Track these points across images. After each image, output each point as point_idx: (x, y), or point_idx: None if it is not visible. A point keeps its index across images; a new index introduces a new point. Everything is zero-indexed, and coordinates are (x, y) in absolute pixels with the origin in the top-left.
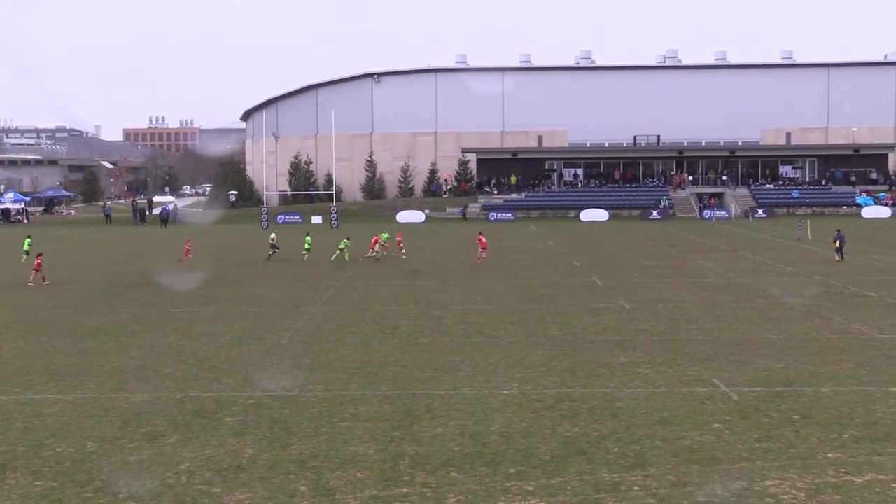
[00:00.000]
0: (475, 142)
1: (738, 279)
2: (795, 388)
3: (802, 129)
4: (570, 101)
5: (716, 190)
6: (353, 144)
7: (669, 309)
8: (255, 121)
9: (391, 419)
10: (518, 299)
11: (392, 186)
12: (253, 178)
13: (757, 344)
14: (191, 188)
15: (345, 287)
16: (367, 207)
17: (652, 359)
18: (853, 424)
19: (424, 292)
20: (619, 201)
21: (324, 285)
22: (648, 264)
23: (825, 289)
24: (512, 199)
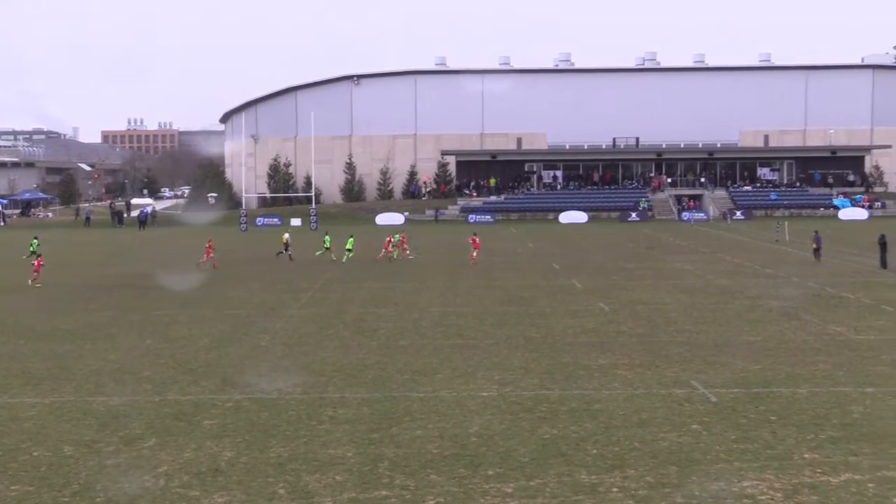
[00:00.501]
0: (454, 144)
1: (716, 281)
2: (773, 390)
3: (780, 131)
4: (549, 104)
5: (694, 192)
6: (332, 146)
7: (648, 311)
8: (234, 123)
9: (370, 421)
10: (497, 301)
11: (371, 189)
12: (232, 180)
13: (735, 345)
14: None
15: (323, 289)
16: (347, 209)
17: (630, 360)
18: (830, 425)
19: (403, 294)
20: (598, 203)
21: (302, 288)
22: (627, 266)
23: (803, 290)
24: (491, 202)
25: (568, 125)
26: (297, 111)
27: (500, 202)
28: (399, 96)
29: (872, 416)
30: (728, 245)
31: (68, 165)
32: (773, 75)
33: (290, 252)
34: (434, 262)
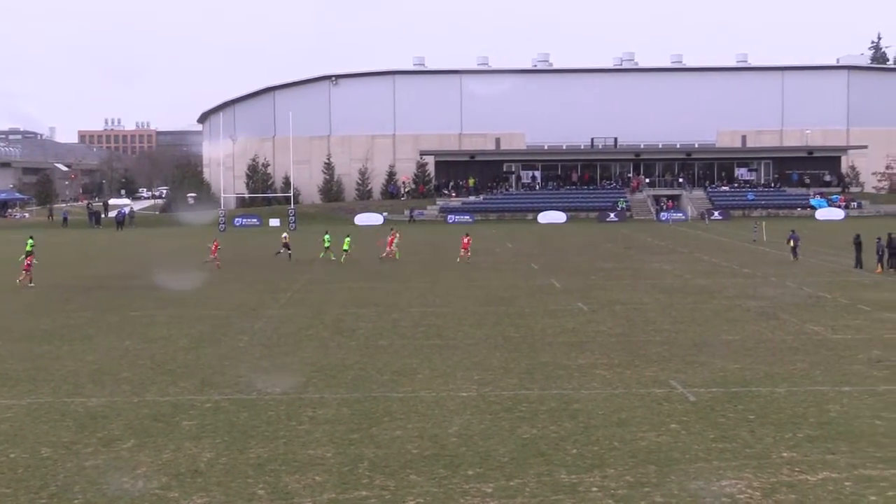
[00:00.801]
0: (433, 144)
1: (694, 281)
2: (751, 389)
3: (757, 131)
4: (527, 104)
5: (672, 192)
6: (310, 147)
7: (627, 311)
8: (212, 123)
9: (350, 422)
10: (476, 302)
11: (350, 189)
12: (210, 180)
13: (713, 345)
14: (147, 191)
15: (303, 290)
16: (325, 210)
17: (609, 360)
18: (807, 424)
19: (383, 295)
20: (577, 203)
21: (282, 288)
22: (606, 266)
23: (780, 290)
24: (470, 202)
25: (546, 125)
26: (275, 111)
27: (479, 202)
28: (378, 96)
29: (849, 414)
30: (706, 245)
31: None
32: (750, 76)
33: (291, 252)
34: (414, 262)
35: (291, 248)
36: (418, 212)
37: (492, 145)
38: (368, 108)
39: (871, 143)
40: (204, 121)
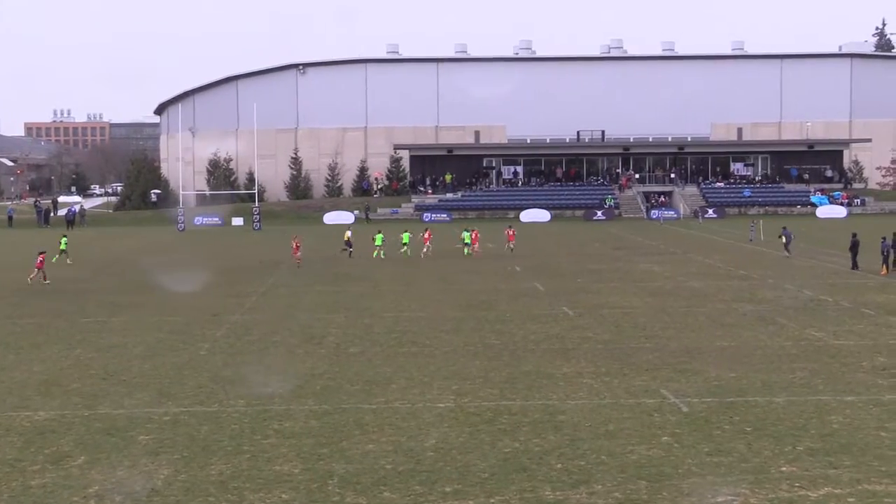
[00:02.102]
0: (408, 137)
1: (687, 283)
2: (748, 399)
3: (754, 124)
4: (509, 95)
5: (664, 189)
6: (276, 140)
7: (615, 315)
8: (171, 115)
9: (318, 435)
10: (454, 306)
11: (319, 185)
12: (168, 176)
13: (707, 352)
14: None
15: (268, 294)
16: (292, 208)
17: (597, 368)
18: (808, 436)
19: (354, 299)
20: (562, 201)
21: (246, 292)
22: (593, 268)
23: (779, 293)
24: (447, 199)
25: (529, 117)
26: (238, 102)
27: (457, 200)
28: (348, 86)
29: (852, 426)
30: (700, 245)
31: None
32: (747, 65)
33: (352, 249)
34: (387, 264)
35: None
36: (395, 210)
37: (471, 139)
38: (338, 99)
39: (876, 135)
40: (161, 112)
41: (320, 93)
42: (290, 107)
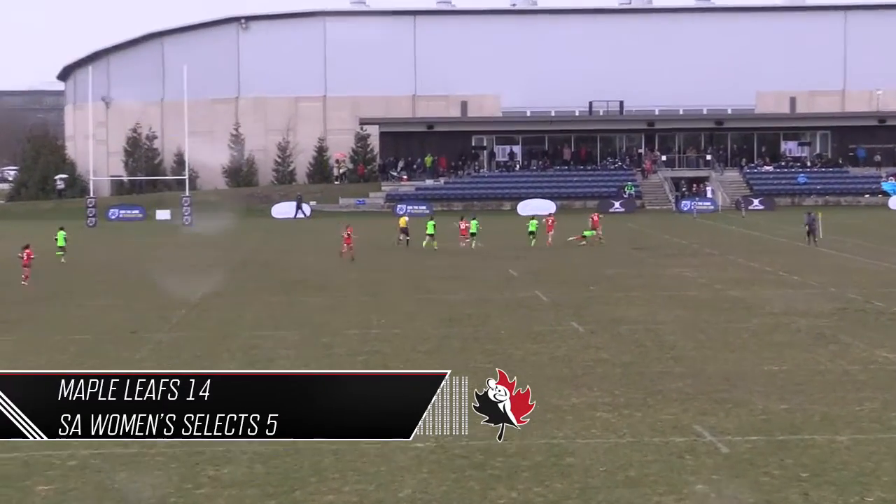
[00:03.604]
0: (378, 110)
1: (727, 292)
2: (803, 437)
3: (811, 92)
4: (503, 57)
5: (697, 173)
6: (212, 113)
7: (637, 332)
8: (79, 80)
9: (265, 484)
10: (434, 321)
11: (266, 169)
12: (76, 158)
13: (752, 378)
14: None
15: (202, 305)
16: (233, 197)
17: (614, 399)
18: (879, 484)
19: (309, 312)
20: (570, 189)
21: (173, 303)
22: (609, 273)
23: (842, 304)
24: (427, 187)
25: (529, 85)
26: (163, 65)
27: (439, 187)
28: (303, 45)
29: None
30: (742, 244)
31: None
32: (801, 18)
33: (409, 238)
34: (351, 268)
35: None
36: (359, 200)
37: (456, 112)
38: (291, 62)
39: None
40: (67, 77)
41: (267, 53)
42: (230, 71)
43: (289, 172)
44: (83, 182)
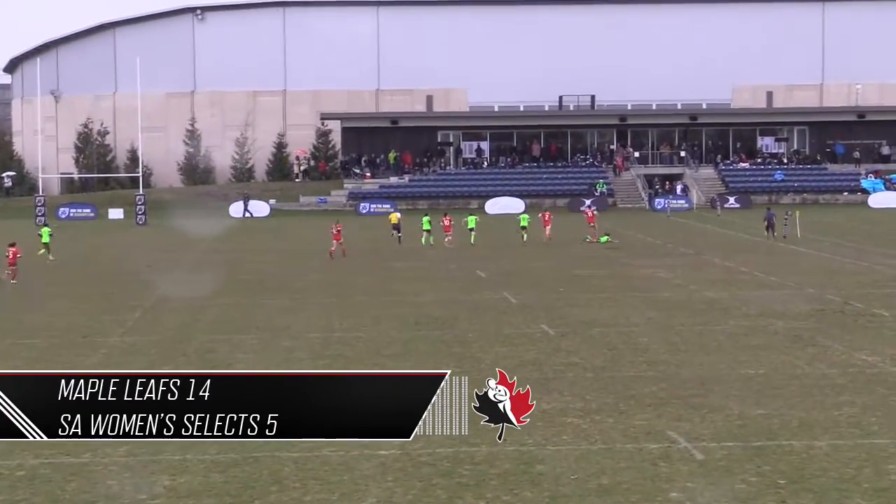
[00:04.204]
0: (340, 104)
1: (702, 293)
2: (781, 443)
3: (788, 86)
4: (471, 49)
5: (671, 170)
6: (167, 108)
7: (609, 335)
8: (26, 73)
9: (222, 494)
10: (400, 323)
11: (223, 166)
12: (24, 154)
13: (728, 381)
14: None
15: (157, 308)
16: (188, 196)
17: (585, 404)
18: (859, 491)
19: (269, 314)
20: (540, 187)
21: (127, 305)
22: (580, 274)
23: (820, 305)
24: (391, 185)
25: (497, 79)
26: (115, 57)
27: (404, 185)
28: (262, 37)
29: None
30: (718, 243)
31: None
32: (780, 10)
33: (401, 234)
34: (309, 269)
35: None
36: (320, 199)
37: (421, 107)
38: (249, 54)
39: None
40: (14, 70)
41: (225, 45)
42: (186, 64)
43: (247, 170)
44: (32, 180)
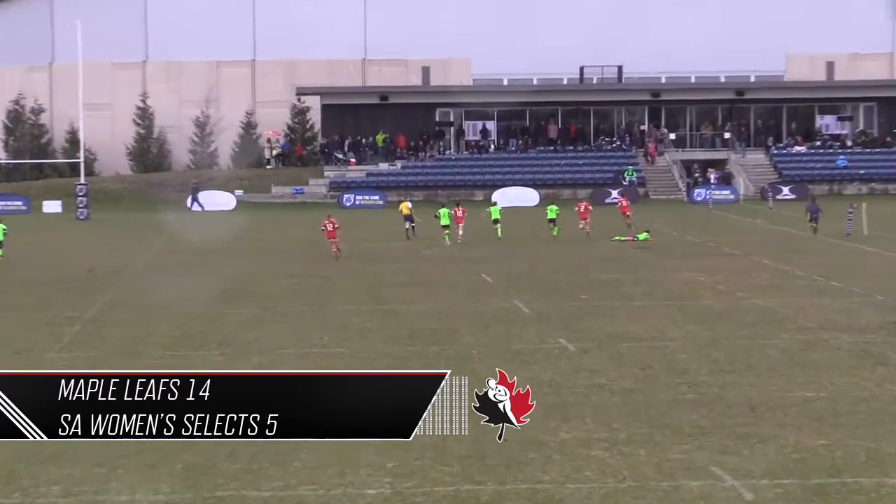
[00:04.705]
0: (319, 77)
1: (750, 301)
2: (845, 480)
3: (853, 55)
4: (474, 13)
5: (713, 155)
6: (113, 81)
7: (640, 351)
8: None
9: None
10: (390, 338)
11: (181, 151)
12: None
13: (782, 407)
14: None
15: (101, 320)
16: (139, 186)
17: (612, 434)
18: None
19: (234, 326)
20: (557, 175)
21: (65, 316)
22: (605, 278)
23: (892, 317)
24: (380, 173)
25: (506, 47)
26: (52, 22)
27: (395, 173)
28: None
29: None
30: (769, 242)
31: None
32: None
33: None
34: (281, 273)
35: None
36: (296, 189)
37: (416, 79)
38: (211, 18)
39: None
40: None
41: (182, 8)
42: (136, 29)
43: (209, 154)
44: None
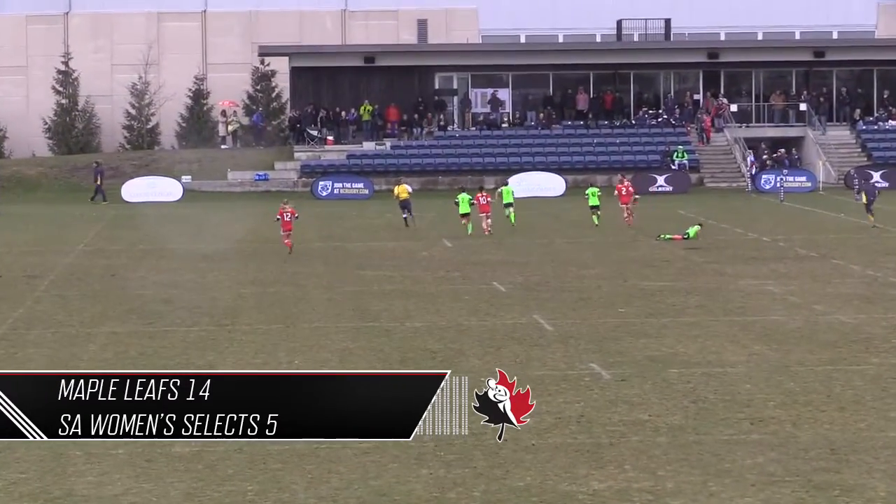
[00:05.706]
0: (288, 34)
1: (832, 316)
2: None
3: None
4: None
5: (786, 132)
6: (27, 38)
7: (692, 379)
8: None
9: None
10: (378, 360)
11: (112, 128)
12: None
13: (871, 449)
14: None
15: (12, 338)
16: (60, 171)
17: (657, 482)
18: None
19: (181, 349)
20: (588, 157)
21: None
22: (648, 286)
23: None
24: (365, 154)
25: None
26: None
27: (384, 154)
28: None
29: None
30: (854, 242)
31: None
32: None
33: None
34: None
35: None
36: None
37: (410, 37)
38: None
39: None
40: None
41: None
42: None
43: (148, 131)
44: None
